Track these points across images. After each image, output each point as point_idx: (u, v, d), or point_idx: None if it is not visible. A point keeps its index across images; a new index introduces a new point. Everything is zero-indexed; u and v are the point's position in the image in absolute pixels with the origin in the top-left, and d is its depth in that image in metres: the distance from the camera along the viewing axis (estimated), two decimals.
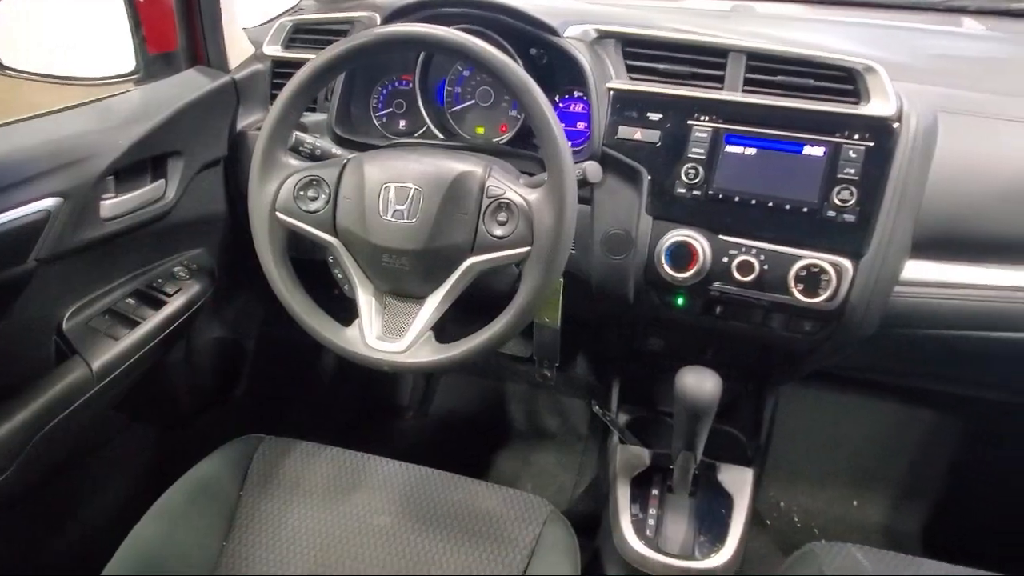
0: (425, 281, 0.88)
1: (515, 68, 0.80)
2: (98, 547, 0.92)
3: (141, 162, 1.05)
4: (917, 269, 0.93)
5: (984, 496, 1.52)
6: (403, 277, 0.88)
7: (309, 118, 1.12)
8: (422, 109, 1.14)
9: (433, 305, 0.87)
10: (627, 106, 0.98)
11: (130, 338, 1.05)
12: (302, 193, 0.89)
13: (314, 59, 0.85)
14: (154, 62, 1.15)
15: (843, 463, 1.60)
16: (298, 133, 0.98)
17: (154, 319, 1.09)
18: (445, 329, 0.89)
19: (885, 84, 0.90)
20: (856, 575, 0.90)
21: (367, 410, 1.79)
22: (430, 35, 0.82)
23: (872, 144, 0.89)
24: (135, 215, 1.04)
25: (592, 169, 0.91)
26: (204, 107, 1.13)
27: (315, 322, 0.91)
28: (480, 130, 1.16)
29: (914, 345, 1.00)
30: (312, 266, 1.08)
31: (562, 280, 1.01)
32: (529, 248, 0.82)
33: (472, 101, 1.15)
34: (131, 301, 1.09)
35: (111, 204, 1.00)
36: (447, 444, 1.74)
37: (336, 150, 1.01)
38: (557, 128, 0.80)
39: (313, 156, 0.99)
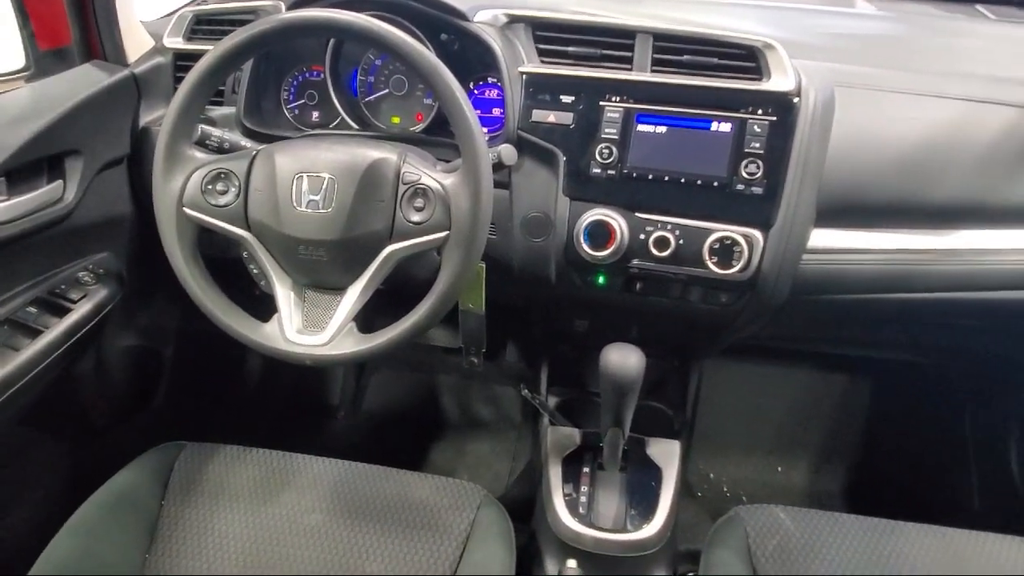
0: (344, 271, 0.86)
1: (422, 51, 0.80)
2: (11, 568, 0.87)
3: (35, 162, 0.99)
4: (822, 237, 0.97)
5: (894, 450, 1.61)
6: (322, 268, 0.87)
7: (217, 111, 1.09)
8: (335, 100, 1.12)
9: (354, 296, 0.86)
10: (540, 89, 0.99)
11: (32, 348, 0.99)
12: (210, 187, 0.86)
13: (215, 47, 0.83)
14: (46, 58, 1.09)
15: (767, 432, 1.67)
16: (204, 126, 0.95)
17: (58, 327, 1.03)
18: (372, 321, 0.88)
19: (784, 61, 0.93)
20: (778, 533, 0.94)
21: (297, 411, 1.75)
22: (335, 20, 0.80)
23: (775, 118, 0.92)
24: (31, 218, 0.99)
25: (507, 152, 0.91)
26: (102, 103, 1.08)
27: (231, 320, 0.88)
28: (396, 120, 1.15)
29: (824, 311, 1.04)
30: (232, 265, 1.04)
31: (484, 265, 1.01)
32: (447, 232, 0.82)
33: (386, 91, 1.14)
34: (32, 309, 1.03)
35: (2, 208, 0.94)
36: (381, 441, 1.73)
37: (245, 143, 0.98)
38: (469, 110, 0.81)
39: (221, 149, 0.96)
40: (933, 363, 1.54)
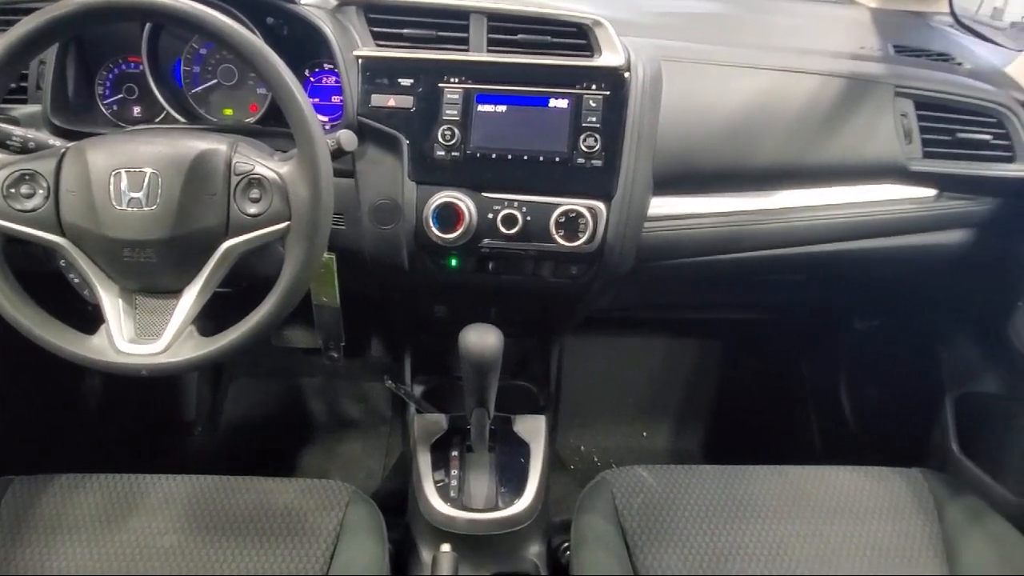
0: (178, 272, 0.81)
1: (243, 33, 0.76)
2: None
3: None
4: (660, 205, 1.01)
5: (744, 403, 1.73)
6: (152, 271, 0.81)
7: (21, 110, 0.99)
8: (156, 92, 1.04)
9: (191, 298, 0.81)
10: (377, 73, 0.97)
11: None
12: (13, 191, 0.78)
13: (1, 38, 0.75)
14: None
15: (630, 400, 1.74)
16: (3, 125, 0.85)
17: None
18: (226, 325, 0.82)
19: (613, 37, 0.96)
20: (643, 491, 0.98)
21: (148, 431, 1.63)
22: (141, 3, 0.74)
23: (608, 93, 0.95)
24: None
25: (346, 137, 0.89)
26: None
27: (51, 334, 0.80)
28: (228, 112, 1.09)
29: (668, 276, 1.09)
30: (60, 280, 0.95)
31: (334, 257, 0.98)
32: (288, 223, 0.79)
33: (214, 81, 1.08)
34: None
35: None
36: (244, 453, 1.64)
37: (54, 141, 0.89)
38: (299, 93, 0.77)
39: (25, 150, 0.86)
40: (772, 320, 1.67)
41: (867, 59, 1.12)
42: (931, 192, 1.07)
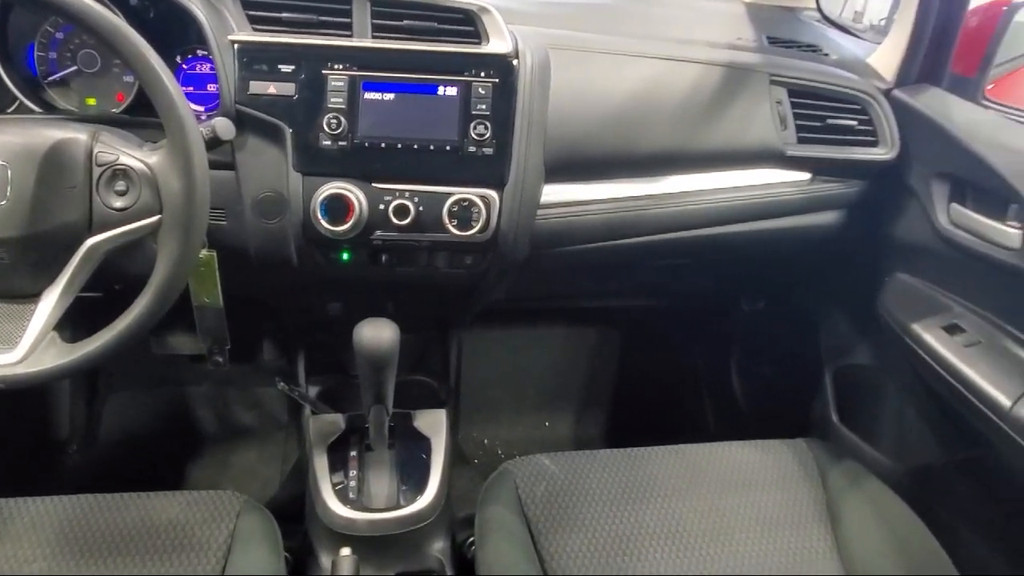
0: (36, 274, 0.75)
1: (99, 9, 0.70)
2: None
3: None
4: (553, 192, 1.01)
5: (642, 387, 1.78)
6: (5, 273, 0.74)
7: None
8: (7, 80, 0.95)
9: (51, 302, 0.74)
10: (255, 60, 0.92)
11: None
12: None
13: None
14: None
15: (532, 391, 1.75)
16: None
17: None
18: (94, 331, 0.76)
19: (500, 24, 0.95)
20: (545, 479, 0.99)
21: (16, 452, 1.49)
22: None
23: (497, 80, 0.94)
24: None
25: (222, 125, 0.84)
26: None
27: None
28: (91, 101, 1.01)
29: (563, 263, 1.10)
30: None
31: (214, 254, 0.93)
32: (159, 217, 0.74)
33: (74, 68, 0.99)
34: None
35: None
36: (127, 471, 1.53)
37: None
38: (167, 78, 0.72)
39: None
40: (666, 306, 1.71)
41: (744, 49, 1.16)
42: (806, 176, 1.12)
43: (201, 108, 1.01)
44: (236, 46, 0.92)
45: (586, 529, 0.93)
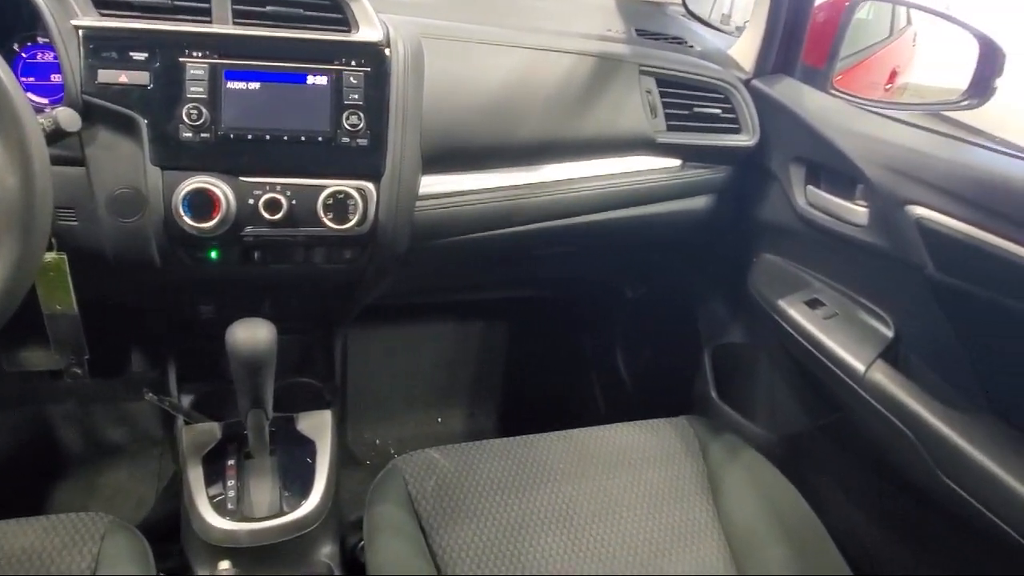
0: None
1: None
2: None
3: None
4: (432, 183, 1.00)
5: (533, 376, 1.79)
6: None
7: None
8: None
9: None
10: (103, 46, 0.85)
11: None
12: None
13: None
14: None
15: (423, 387, 1.73)
16: None
17: None
18: None
19: (370, 12, 0.93)
20: (435, 473, 0.97)
21: None
22: None
23: (369, 69, 0.92)
24: None
25: (65, 116, 0.77)
26: None
27: None
28: None
29: (447, 255, 1.09)
30: None
31: (64, 256, 0.86)
32: None
33: None
34: None
35: None
36: None
37: None
38: None
39: None
40: (554, 296, 1.74)
41: (614, 40, 1.19)
42: (677, 162, 1.17)
43: (45, 100, 0.93)
44: (81, 32, 0.85)
45: (478, 520, 0.93)
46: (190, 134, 0.88)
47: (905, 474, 0.94)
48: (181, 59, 0.87)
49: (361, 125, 0.91)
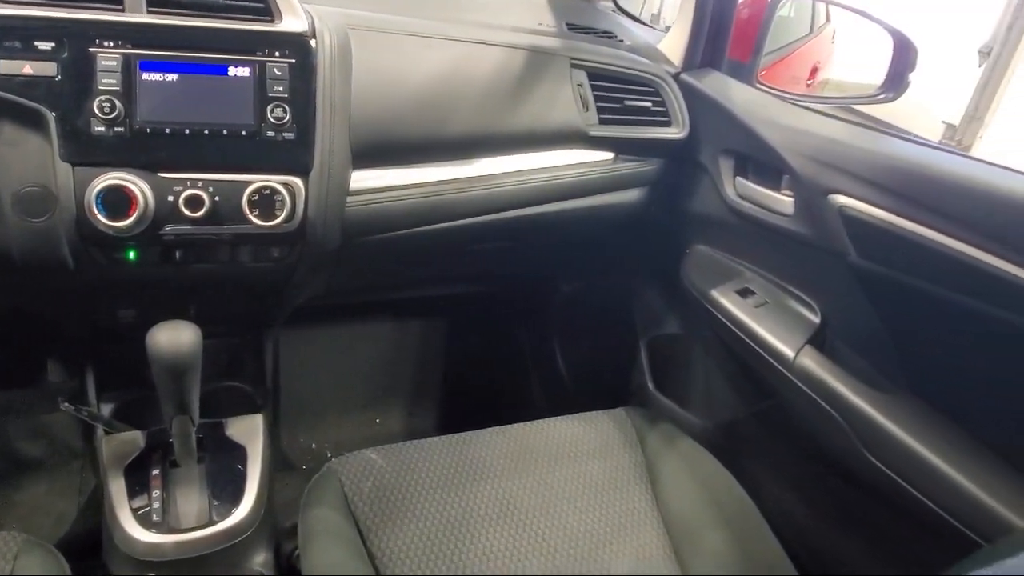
0: None
1: None
2: None
3: None
4: (363, 178, 0.97)
5: (472, 372, 1.78)
6: None
7: None
8: None
9: None
10: (5, 35, 0.80)
11: None
12: None
13: None
14: None
15: (359, 389, 1.70)
16: None
17: None
18: None
19: (293, 1, 0.90)
20: (372, 474, 0.95)
21: None
22: None
23: (294, 61, 0.89)
24: None
25: None
26: None
27: None
28: None
29: (380, 252, 1.07)
30: None
31: None
32: None
33: None
34: None
35: None
36: None
37: None
38: None
39: None
40: (491, 292, 1.73)
41: (545, 34, 1.19)
42: (609, 155, 1.18)
43: None
44: None
45: (417, 520, 0.91)
46: (103, 128, 0.83)
47: (834, 455, 0.97)
48: (91, 49, 0.83)
49: (287, 118, 0.88)
